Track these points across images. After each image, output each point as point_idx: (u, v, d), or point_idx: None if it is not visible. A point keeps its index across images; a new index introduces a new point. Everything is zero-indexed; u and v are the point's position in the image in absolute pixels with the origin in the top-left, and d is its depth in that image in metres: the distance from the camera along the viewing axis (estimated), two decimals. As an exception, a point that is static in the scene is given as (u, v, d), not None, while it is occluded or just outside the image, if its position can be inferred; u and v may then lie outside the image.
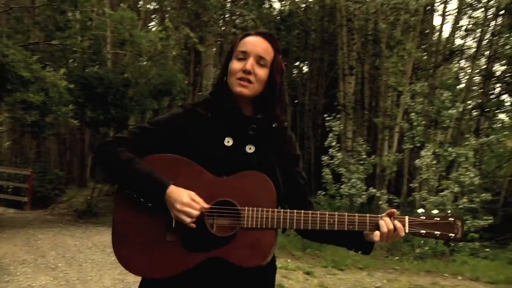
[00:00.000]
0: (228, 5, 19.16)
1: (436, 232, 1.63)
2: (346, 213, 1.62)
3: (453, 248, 10.48)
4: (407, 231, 1.63)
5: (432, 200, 9.57)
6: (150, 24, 18.74)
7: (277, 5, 22.87)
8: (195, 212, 1.55)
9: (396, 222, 1.61)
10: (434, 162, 9.69)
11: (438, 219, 1.64)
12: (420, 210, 1.67)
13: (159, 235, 1.62)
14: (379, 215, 1.64)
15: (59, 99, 7.85)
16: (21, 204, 14.24)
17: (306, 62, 22.94)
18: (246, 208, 1.58)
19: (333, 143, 10.61)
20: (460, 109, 11.06)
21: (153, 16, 19.47)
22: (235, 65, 1.67)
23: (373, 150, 13.55)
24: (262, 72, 1.67)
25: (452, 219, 1.64)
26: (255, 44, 1.68)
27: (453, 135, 11.71)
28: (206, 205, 1.58)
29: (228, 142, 1.70)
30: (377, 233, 1.60)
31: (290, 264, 8.16)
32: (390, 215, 1.63)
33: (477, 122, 16.41)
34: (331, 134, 10.72)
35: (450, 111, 10.50)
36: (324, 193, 10.82)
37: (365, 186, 10.69)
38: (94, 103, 9.93)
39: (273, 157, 1.71)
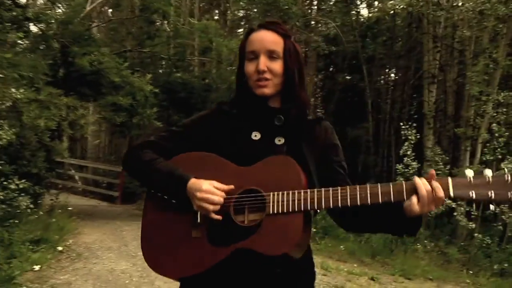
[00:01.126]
0: (313, 12, 19.47)
1: (490, 193, 1.37)
2: (379, 184, 1.46)
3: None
4: (451, 194, 1.41)
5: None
6: (239, 31, 19.54)
7: (364, 12, 22.65)
8: (217, 198, 1.51)
9: (434, 182, 1.42)
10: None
11: (490, 177, 1.38)
12: (468, 171, 1.42)
13: (185, 233, 1.59)
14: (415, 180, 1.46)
15: (145, 102, 8.61)
16: (113, 198, 15.47)
17: (393, 70, 22.63)
18: (271, 193, 1.50)
19: (408, 152, 10.48)
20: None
21: (242, 23, 20.18)
22: (249, 67, 1.64)
23: (454, 161, 13.17)
24: (277, 66, 1.62)
25: (509, 176, 1.37)
26: (262, 39, 1.63)
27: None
28: (228, 187, 1.54)
29: (255, 136, 1.66)
30: (414, 199, 1.42)
31: (356, 269, 8.26)
32: (430, 178, 1.45)
33: None
34: (406, 143, 10.60)
35: (536, 123, 10.01)
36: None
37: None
38: (177, 106, 10.66)
39: (305, 147, 1.65)
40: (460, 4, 11.79)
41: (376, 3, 22.26)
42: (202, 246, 1.56)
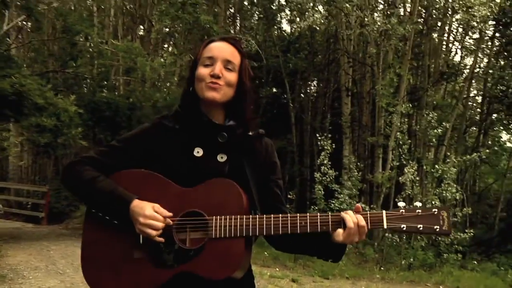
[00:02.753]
0: (236, 28, 20.17)
1: (419, 226, 1.49)
2: (308, 215, 1.54)
3: (441, 260, 11.05)
4: (385, 226, 1.50)
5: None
6: (164, 47, 19.84)
7: (286, 27, 23.67)
8: (159, 224, 1.50)
9: (359, 216, 1.51)
10: (418, 178, 10.33)
11: (420, 211, 1.50)
12: (401, 204, 1.54)
13: (127, 253, 1.57)
14: (343, 213, 1.53)
15: (69, 122, 8.78)
16: (38, 219, 15.19)
17: (314, 83, 23.78)
18: (214, 217, 1.51)
19: (325, 161, 11.30)
20: (448, 128, 11.71)
21: (165, 46, 20.47)
22: (203, 71, 1.62)
23: (370, 168, 14.22)
24: (231, 76, 1.62)
25: (436, 210, 1.50)
26: (222, 49, 1.63)
27: (438, 153, 12.34)
28: (169, 214, 1.53)
29: (198, 152, 1.65)
30: (339, 230, 1.51)
31: (278, 273, 8.84)
32: (356, 211, 1.53)
33: (477, 139, 16.97)
34: (323, 153, 11.42)
35: (435, 131, 11.16)
36: (316, 208, 11.52)
37: (355, 201, 11.34)
38: (103, 125, 10.88)
39: (246, 165, 1.66)
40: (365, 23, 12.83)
41: (297, 19, 23.29)
42: (144, 268, 1.54)
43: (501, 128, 17.74)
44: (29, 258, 8.57)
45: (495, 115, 17.04)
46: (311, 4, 15.61)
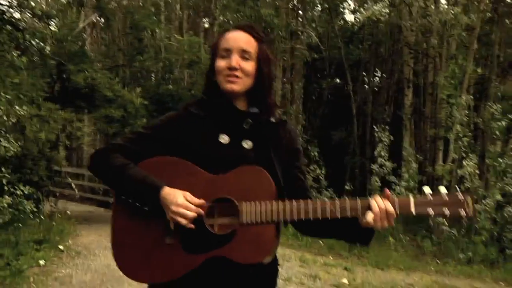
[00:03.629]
0: (298, 21, 20.28)
1: (445, 210, 1.56)
2: (337, 200, 1.58)
3: (504, 256, 10.75)
4: (413, 211, 1.56)
5: (475, 208, 10.02)
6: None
7: (349, 17, 23.50)
8: (190, 214, 1.53)
9: (386, 201, 1.54)
10: (477, 171, 10.13)
11: (447, 197, 1.56)
12: (427, 189, 1.59)
13: (159, 239, 1.60)
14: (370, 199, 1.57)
15: (135, 113, 9.41)
16: (109, 204, 16.16)
17: (377, 74, 23.53)
18: (244, 203, 1.54)
19: (382, 153, 11.30)
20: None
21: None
22: (220, 63, 1.64)
23: (431, 160, 14.02)
24: (248, 66, 1.63)
25: (461, 195, 1.57)
26: (237, 38, 1.65)
27: (503, 146, 11.96)
28: (202, 203, 1.56)
29: (223, 139, 1.67)
30: (369, 214, 1.53)
31: (332, 261, 9.03)
32: (385, 197, 1.56)
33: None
34: (380, 144, 11.42)
35: (498, 123, 10.85)
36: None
37: (414, 193, 11.27)
38: (166, 116, 11.47)
39: (271, 151, 1.68)
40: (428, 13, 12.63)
41: (360, 9, 23.04)
42: (176, 253, 1.58)
43: None
44: (100, 238, 9.28)
45: None
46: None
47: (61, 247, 7.64)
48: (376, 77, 23.75)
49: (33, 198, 7.55)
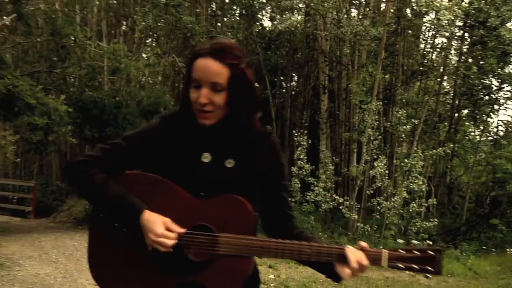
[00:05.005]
0: (218, 27, 20.71)
1: (415, 266, 1.59)
2: (315, 244, 1.58)
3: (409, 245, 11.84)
4: (385, 265, 1.57)
5: (385, 205, 11.01)
6: (147, 43, 20.34)
7: (267, 23, 24.18)
8: (170, 243, 1.51)
9: (360, 253, 1.57)
10: (387, 171, 11.11)
11: (418, 252, 1.60)
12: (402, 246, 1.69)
13: (135, 257, 1.60)
14: (345, 246, 1.60)
15: (60, 121, 9.32)
16: (25, 213, 15.60)
17: (294, 79, 24.49)
18: (224, 234, 1.55)
19: (301, 156, 12.00)
20: (416, 124, 12.50)
21: (148, 41, 20.94)
22: (193, 94, 1.56)
23: (346, 162, 14.99)
24: (220, 98, 1.54)
25: (432, 252, 1.61)
26: (206, 69, 1.53)
27: (409, 148, 13.15)
28: (181, 231, 1.55)
29: (206, 158, 1.64)
30: (345, 270, 1.56)
31: (256, 259, 9.49)
32: (362, 249, 1.58)
33: (447, 134, 17.85)
34: (299, 148, 12.12)
35: (404, 127, 11.95)
36: (293, 200, 12.25)
37: (330, 194, 12.10)
38: (90, 123, 11.44)
39: (254, 168, 1.64)
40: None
41: (278, 17, 23.82)
42: (151, 274, 1.59)
43: (471, 123, 18.62)
44: (23, 248, 9.09)
45: (465, 110, 17.94)
46: (291, 3, 16.12)
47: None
48: (294, 82, 24.70)
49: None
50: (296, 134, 12.37)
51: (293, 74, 23.68)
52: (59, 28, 9.77)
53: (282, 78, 22.91)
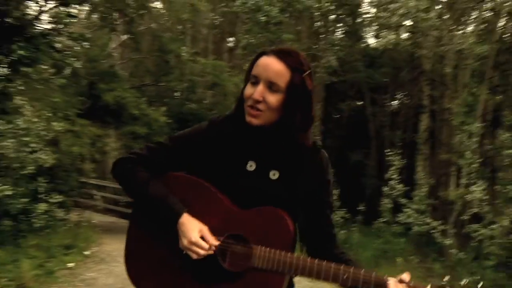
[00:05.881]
0: (320, 44, 20.89)
1: None
2: (362, 271, 1.52)
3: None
4: None
5: (483, 233, 10.35)
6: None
7: (371, 41, 23.88)
8: (202, 252, 1.51)
9: (402, 286, 1.50)
10: (486, 197, 10.46)
11: None
12: (446, 278, 1.56)
13: (170, 258, 1.60)
14: (387, 280, 1.51)
15: (159, 131, 10.07)
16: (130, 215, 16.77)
17: (396, 97, 23.91)
18: (259, 247, 1.52)
19: (394, 176, 11.70)
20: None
21: (250, 58, 21.69)
22: (247, 90, 1.55)
23: (444, 184, 14.32)
24: (274, 99, 1.51)
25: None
26: (267, 67, 1.51)
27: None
28: (215, 243, 1.54)
29: (250, 166, 1.60)
30: None
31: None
32: (401, 281, 1.51)
33: None
34: (392, 168, 11.83)
35: (509, 151, 11.18)
36: (381, 220, 11.96)
37: (426, 216, 11.64)
38: (188, 134, 12.15)
39: (299, 183, 1.60)
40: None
41: (383, 34, 23.42)
42: (183, 277, 1.58)
43: None
44: (122, 247, 9.60)
45: None
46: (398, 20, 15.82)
47: (86, 253, 8.24)
48: (395, 101, 24.11)
49: (64, 207, 8.20)
50: (389, 153, 12.08)
51: (395, 93, 23.15)
52: (165, 45, 10.59)
53: (383, 96, 22.49)
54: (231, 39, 19.56)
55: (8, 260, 6.01)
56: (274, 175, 1.60)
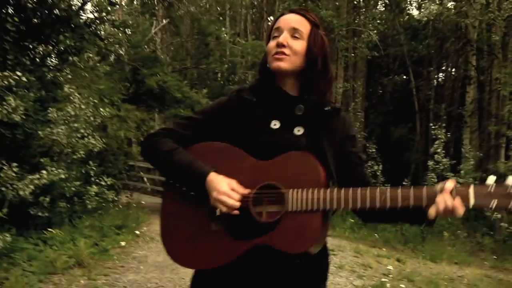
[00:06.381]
0: (361, 18, 20.53)
1: (510, 204, 1.36)
2: (399, 188, 1.45)
3: None
4: (472, 203, 1.40)
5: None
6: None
7: (414, 12, 23.25)
8: (231, 201, 1.51)
9: (456, 201, 1.39)
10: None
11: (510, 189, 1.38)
12: (491, 179, 1.42)
13: (204, 225, 1.59)
14: (438, 188, 1.43)
15: (202, 113, 10.26)
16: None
17: (441, 69, 23.27)
18: (290, 190, 1.50)
19: (439, 150, 11.48)
20: None
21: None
22: (270, 43, 1.63)
23: (492, 157, 13.96)
24: (297, 44, 1.59)
25: None
26: (288, 19, 1.63)
27: None
28: (245, 192, 1.54)
29: (275, 125, 1.63)
30: (432, 210, 1.42)
31: (384, 252, 9.42)
32: (444, 189, 1.42)
33: None
34: (437, 141, 11.61)
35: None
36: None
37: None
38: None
39: (324, 138, 1.62)
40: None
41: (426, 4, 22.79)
42: (221, 240, 1.57)
43: None
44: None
45: None
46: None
47: (137, 232, 8.60)
48: (440, 74, 23.50)
49: (114, 189, 8.56)
50: (433, 127, 11.85)
51: (440, 65, 22.53)
52: (204, 28, 10.73)
53: (428, 69, 21.95)
54: (270, 18, 19.52)
55: (67, 239, 6.38)
56: (298, 131, 1.62)
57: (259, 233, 1.51)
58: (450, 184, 1.42)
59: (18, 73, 4.58)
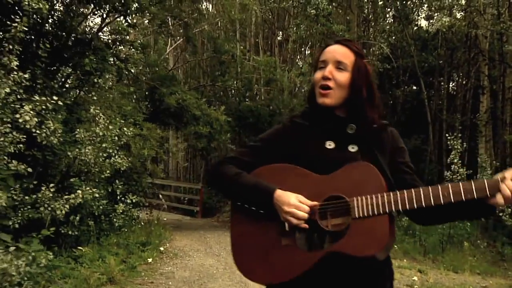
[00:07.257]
0: (370, 32, 20.70)
1: None
2: (460, 183, 1.51)
3: None
4: None
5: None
6: (301, 51, 21.23)
7: (423, 23, 23.35)
8: (301, 214, 1.59)
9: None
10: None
11: None
12: None
13: (275, 241, 1.66)
14: (499, 176, 1.53)
15: (220, 129, 10.46)
16: (193, 212, 17.40)
17: (453, 79, 23.31)
18: (355, 198, 1.57)
19: (455, 160, 11.50)
20: None
21: (302, 49, 21.81)
22: (317, 75, 1.73)
23: (509, 166, 13.92)
24: (342, 76, 1.69)
25: None
26: (333, 51, 1.72)
27: None
28: (313, 204, 1.61)
29: (330, 145, 1.73)
30: (499, 197, 1.50)
31: (406, 264, 9.45)
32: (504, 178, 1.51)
33: None
34: (453, 152, 11.64)
35: None
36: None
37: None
38: (247, 130, 12.54)
39: (377, 152, 1.71)
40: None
41: (435, 15, 22.89)
42: (292, 252, 1.63)
43: None
44: (191, 242, 10.33)
45: None
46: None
47: (161, 248, 8.72)
48: (452, 83, 23.52)
49: (139, 206, 8.72)
50: (449, 137, 11.88)
51: (451, 75, 22.58)
52: (219, 46, 10.96)
53: (439, 79, 21.98)
54: (280, 33, 19.77)
55: (96, 257, 6.53)
56: (353, 148, 1.72)
57: (328, 242, 1.59)
58: (510, 172, 1.52)
59: (55, 98, 4.76)
